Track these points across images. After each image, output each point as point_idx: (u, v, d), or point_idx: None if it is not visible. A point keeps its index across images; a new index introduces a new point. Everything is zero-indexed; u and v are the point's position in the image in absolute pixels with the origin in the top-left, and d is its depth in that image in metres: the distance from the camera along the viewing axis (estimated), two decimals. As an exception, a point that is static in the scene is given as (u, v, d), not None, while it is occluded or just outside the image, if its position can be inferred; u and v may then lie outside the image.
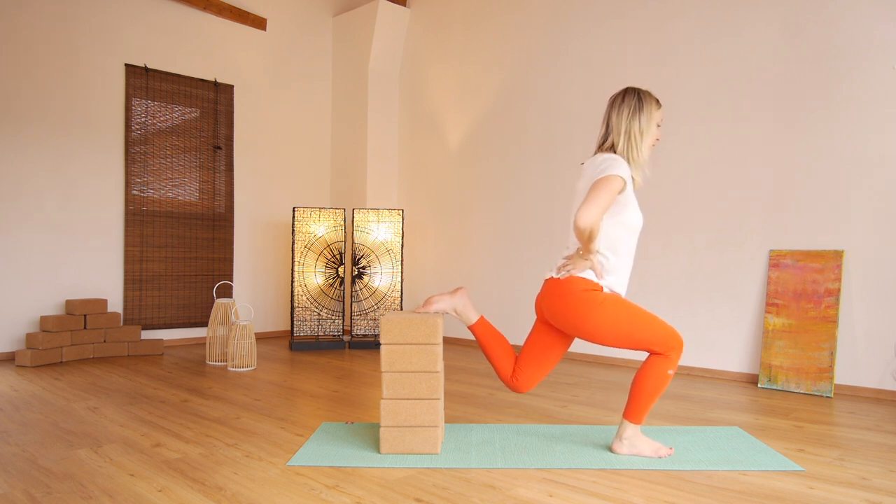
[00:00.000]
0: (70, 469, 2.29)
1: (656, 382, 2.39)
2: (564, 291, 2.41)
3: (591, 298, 2.38)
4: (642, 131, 2.43)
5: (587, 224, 2.22)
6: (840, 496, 2.09)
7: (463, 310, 2.65)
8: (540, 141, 5.27)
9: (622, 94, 2.47)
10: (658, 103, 2.48)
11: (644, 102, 2.44)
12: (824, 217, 3.86)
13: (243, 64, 5.99)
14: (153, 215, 5.40)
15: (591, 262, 2.38)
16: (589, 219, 2.22)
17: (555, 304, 2.45)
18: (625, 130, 2.42)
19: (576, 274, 2.40)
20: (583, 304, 2.38)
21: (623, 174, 2.31)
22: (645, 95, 2.46)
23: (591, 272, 2.40)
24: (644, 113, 2.43)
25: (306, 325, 5.54)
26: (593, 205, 2.23)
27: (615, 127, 2.45)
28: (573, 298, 2.39)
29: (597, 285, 2.40)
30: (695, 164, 4.37)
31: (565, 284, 2.41)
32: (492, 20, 5.65)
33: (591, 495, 2.07)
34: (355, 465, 2.34)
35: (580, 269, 2.40)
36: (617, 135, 2.44)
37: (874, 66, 3.69)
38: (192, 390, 3.69)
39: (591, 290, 2.39)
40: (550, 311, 2.49)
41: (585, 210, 2.22)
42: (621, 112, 2.44)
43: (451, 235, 5.97)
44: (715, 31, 4.30)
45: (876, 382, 3.65)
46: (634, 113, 2.43)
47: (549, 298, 2.48)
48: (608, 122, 2.48)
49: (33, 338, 4.55)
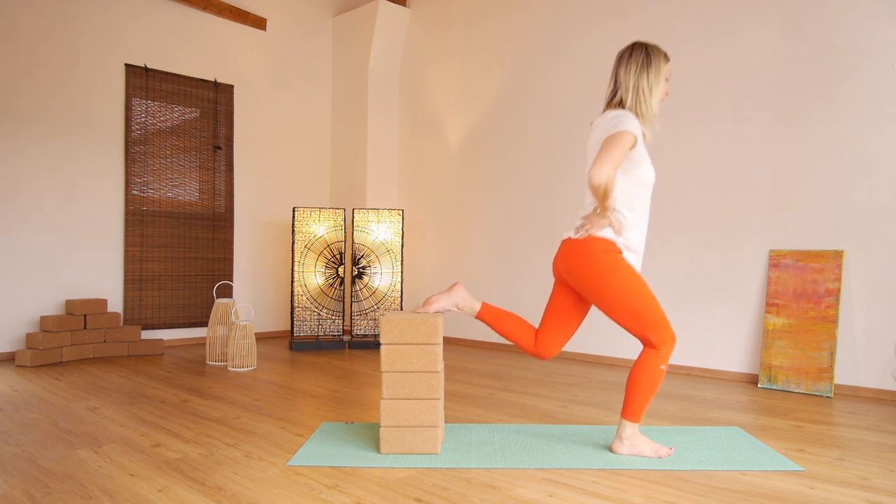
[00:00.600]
0: (70, 469, 2.29)
1: (651, 379, 2.39)
2: (584, 251, 2.40)
3: (610, 261, 2.37)
4: (651, 86, 2.40)
5: (601, 180, 2.21)
6: (840, 496, 2.09)
7: (464, 303, 2.63)
8: (540, 141, 5.27)
9: (629, 50, 2.44)
10: (666, 57, 2.45)
11: (652, 57, 2.41)
12: (824, 217, 3.86)
13: (243, 64, 5.99)
14: (153, 215, 5.40)
15: (608, 220, 2.35)
16: (602, 175, 2.20)
17: (573, 264, 2.43)
18: (633, 86, 2.40)
19: (594, 233, 2.38)
20: (601, 265, 2.37)
21: (634, 129, 2.29)
22: (653, 50, 2.43)
23: (609, 230, 2.38)
24: (652, 67, 2.41)
25: (306, 325, 5.54)
26: (606, 161, 2.22)
27: (623, 82, 2.43)
28: (592, 259, 2.38)
29: (616, 246, 2.38)
30: (695, 164, 4.37)
31: (584, 244, 2.40)
32: (492, 20, 5.65)
33: (591, 495, 2.07)
34: (355, 465, 2.34)
35: (598, 228, 2.37)
36: (625, 90, 2.42)
37: (874, 66, 3.69)
38: (192, 390, 3.69)
39: (610, 252, 2.37)
40: (568, 272, 2.46)
41: (598, 167, 2.21)
42: (629, 67, 2.42)
43: (451, 235, 5.97)
44: (715, 31, 4.30)
45: (876, 382, 3.65)
46: (643, 68, 2.40)
47: (567, 259, 2.45)
48: (616, 77, 2.45)
49: (33, 338, 4.55)
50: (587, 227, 2.39)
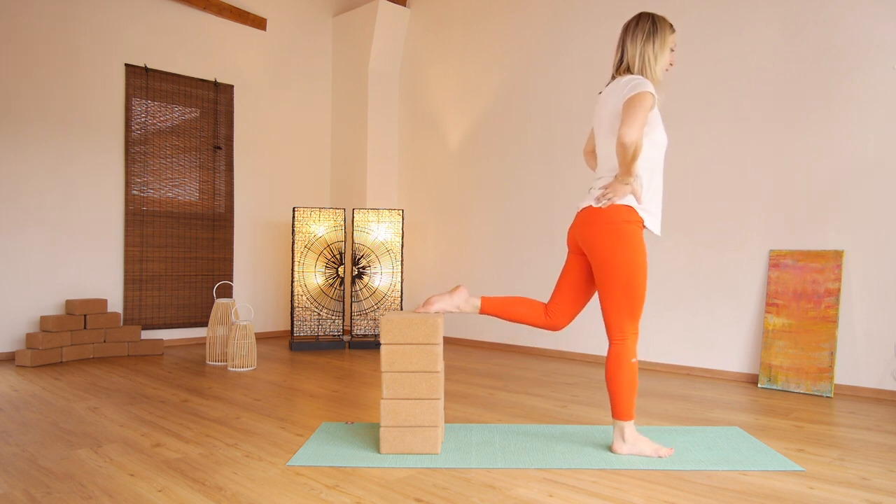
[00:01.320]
0: (70, 469, 2.29)
1: (628, 375, 2.42)
2: (607, 220, 2.40)
3: (631, 232, 2.39)
4: (656, 54, 2.45)
5: (632, 140, 2.23)
6: (840, 496, 2.09)
7: (465, 305, 2.64)
8: (540, 141, 5.27)
9: (636, 19, 2.49)
10: (672, 28, 2.50)
11: (658, 26, 2.46)
12: (824, 217, 3.86)
13: (243, 64, 5.99)
14: (153, 215, 5.40)
15: (631, 187, 2.37)
16: (633, 135, 2.23)
17: (593, 232, 2.44)
18: (639, 54, 2.45)
19: (617, 202, 2.39)
20: (622, 235, 2.38)
21: (652, 90, 2.33)
22: (659, 20, 2.47)
23: (631, 198, 2.39)
24: (658, 36, 2.45)
25: (306, 325, 5.54)
26: (634, 122, 2.24)
27: (630, 51, 2.47)
28: (615, 228, 2.39)
29: (638, 215, 2.40)
30: (695, 164, 4.37)
31: (608, 213, 2.40)
32: (492, 20, 5.65)
33: (591, 495, 2.07)
34: (355, 465, 2.34)
35: (621, 196, 2.39)
36: (632, 58, 2.46)
37: (874, 66, 3.69)
38: (192, 390, 3.69)
39: (633, 223, 2.40)
40: (586, 239, 2.47)
41: (628, 128, 2.23)
42: (636, 36, 2.46)
43: (451, 235, 5.97)
44: (715, 31, 4.30)
45: (876, 382, 3.65)
46: (649, 37, 2.45)
47: (588, 227, 2.46)
48: (623, 46, 2.50)
49: (33, 338, 4.55)
50: (609, 196, 2.40)
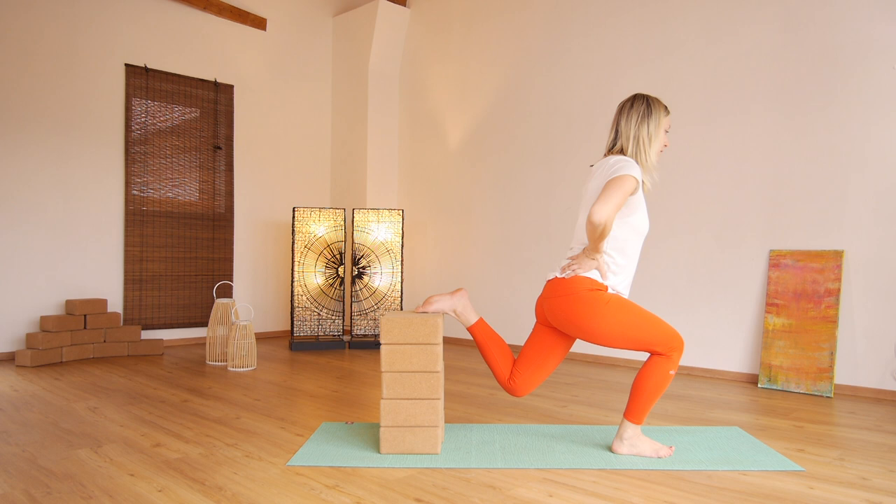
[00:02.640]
0: (70, 469, 2.29)
1: (658, 383, 2.39)
2: (569, 291, 2.41)
3: (595, 298, 2.38)
4: (650, 136, 2.45)
5: (602, 219, 2.23)
6: (840, 496, 2.09)
7: (463, 311, 2.66)
8: (540, 141, 5.27)
9: (631, 100, 2.50)
10: (666, 110, 2.51)
11: (653, 108, 2.47)
12: (824, 217, 3.86)
13: (243, 64, 5.99)
14: (153, 215, 5.40)
15: (597, 262, 2.38)
16: (603, 214, 2.22)
17: (558, 304, 2.45)
18: (633, 135, 2.45)
19: (581, 273, 2.40)
20: (587, 303, 2.38)
21: (636, 175, 2.33)
22: (654, 102, 2.49)
23: (596, 272, 2.41)
24: (653, 118, 2.46)
25: (306, 325, 5.54)
26: (608, 202, 2.24)
27: (624, 132, 2.48)
28: (577, 298, 2.39)
29: (601, 285, 2.40)
30: (695, 164, 4.37)
31: (570, 284, 2.41)
32: (492, 20, 5.65)
33: (591, 495, 2.07)
34: (355, 465, 2.34)
35: (586, 269, 2.40)
36: (626, 140, 2.46)
37: (874, 66, 3.69)
38: (192, 390, 3.69)
39: (595, 290, 2.39)
40: (553, 313, 2.48)
41: (601, 206, 2.23)
42: (630, 117, 2.47)
43: (451, 235, 5.97)
44: (715, 31, 4.30)
45: (876, 382, 3.65)
46: (643, 118, 2.46)
47: (553, 299, 2.47)
48: (617, 127, 2.51)
49: (33, 338, 4.55)
50: (574, 267, 2.41)
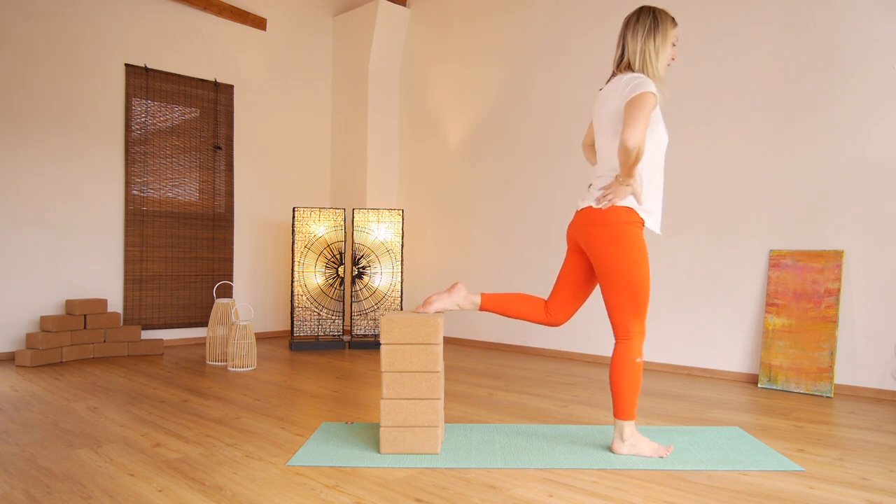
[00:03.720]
0: (70, 469, 2.29)
1: (632, 375, 2.42)
2: (607, 221, 2.39)
3: (631, 234, 2.38)
4: (657, 50, 2.42)
5: (636, 143, 2.21)
6: (840, 496, 2.09)
7: (464, 302, 2.63)
8: (540, 141, 5.27)
9: (637, 14, 2.46)
10: (674, 22, 2.46)
11: (659, 21, 2.43)
12: (824, 217, 3.86)
13: (243, 64, 5.99)
14: (153, 215, 5.40)
15: (632, 188, 2.36)
16: (636, 138, 2.21)
17: (594, 232, 2.43)
18: (640, 50, 2.42)
19: (617, 203, 2.38)
20: (623, 237, 2.37)
21: (654, 90, 2.31)
22: (660, 14, 2.44)
23: (632, 199, 2.38)
24: (659, 32, 2.43)
25: (306, 325, 5.54)
26: (637, 124, 2.23)
27: (630, 46, 2.44)
28: (615, 230, 2.38)
29: (639, 216, 2.39)
30: (695, 164, 4.37)
31: (608, 214, 2.39)
32: (492, 20, 5.65)
33: (591, 495, 2.07)
34: (355, 465, 2.34)
35: (622, 197, 2.37)
36: (633, 54, 2.43)
37: (874, 66, 3.69)
38: (192, 390, 3.69)
39: (633, 224, 2.39)
40: (587, 240, 2.46)
41: (632, 131, 2.22)
42: (636, 32, 2.44)
43: (451, 235, 5.97)
44: (715, 31, 4.30)
45: (876, 382, 3.65)
46: (650, 32, 2.42)
47: (589, 227, 2.44)
48: (623, 42, 2.47)
49: (33, 338, 4.55)
50: (610, 197, 2.39)
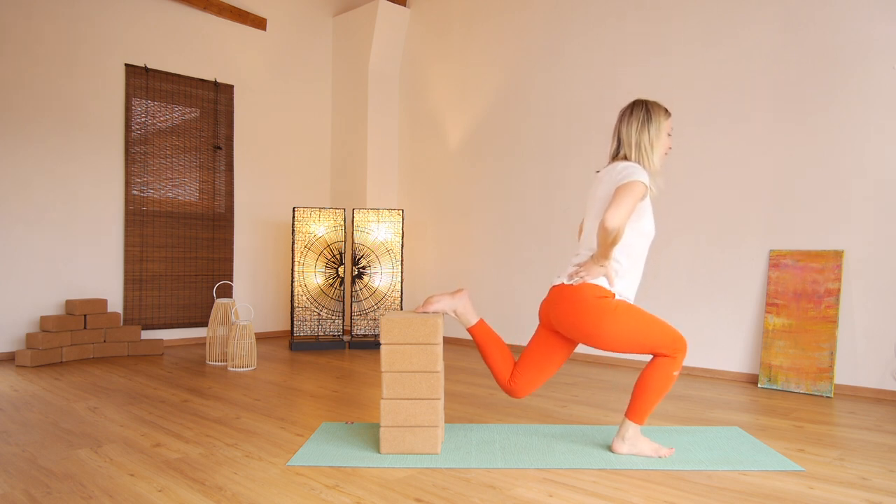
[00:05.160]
0: (70, 469, 2.29)
1: (661, 383, 2.39)
2: (576, 298, 2.40)
3: (603, 305, 2.37)
4: (652, 142, 2.45)
5: (615, 225, 2.23)
6: (840, 496, 2.09)
7: (463, 311, 2.65)
8: (540, 141, 5.27)
9: (630, 107, 2.50)
10: (667, 113, 2.50)
11: (652, 113, 2.46)
12: (824, 217, 3.86)
13: (243, 64, 5.99)
14: (153, 215, 5.40)
15: (605, 269, 2.37)
16: (617, 220, 2.23)
17: (564, 310, 2.44)
18: (635, 143, 2.45)
19: (589, 280, 2.39)
20: (595, 311, 2.37)
21: (645, 180, 2.32)
22: (653, 106, 2.47)
23: (604, 279, 2.40)
24: (653, 124, 2.45)
25: (306, 325, 5.54)
26: (621, 208, 2.24)
27: (625, 140, 2.47)
28: (585, 306, 2.38)
29: (608, 292, 2.40)
30: (695, 165, 4.37)
31: (577, 291, 2.41)
32: (492, 20, 5.65)
33: (591, 495, 2.07)
34: (355, 465, 2.34)
35: (594, 276, 2.39)
36: (628, 147, 2.46)
37: (874, 66, 3.69)
38: (192, 390, 3.69)
39: (602, 297, 2.39)
40: (559, 319, 2.47)
41: (614, 212, 2.23)
42: (630, 125, 2.47)
43: (451, 235, 5.97)
44: (715, 31, 4.30)
45: (876, 382, 3.65)
46: (643, 125, 2.45)
47: (559, 305, 2.46)
48: (619, 135, 2.50)
49: (33, 338, 4.55)
50: (582, 274, 2.40)
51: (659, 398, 2.41)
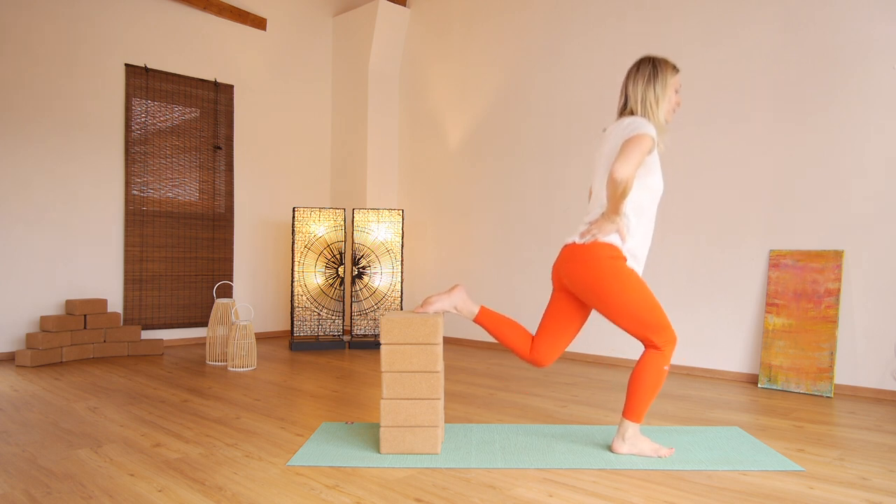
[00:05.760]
0: (70, 469, 2.29)
1: (653, 379, 2.40)
2: (588, 256, 2.39)
3: (614, 266, 2.37)
4: (657, 98, 2.44)
5: (624, 176, 2.21)
6: (840, 496, 2.09)
7: (463, 306, 2.64)
8: (540, 141, 5.27)
9: (637, 64, 2.49)
10: (674, 69, 2.47)
11: (659, 69, 2.45)
12: (824, 217, 3.86)
13: (243, 64, 5.99)
14: (153, 215, 5.40)
15: (616, 225, 2.36)
16: (625, 172, 2.21)
17: (576, 269, 2.43)
18: (641, 99, 2.44)
19: (601, 238, 2.38)
20: (607, 272, 2.37)
21: (652, 133, 2.31)
22: (660, 62, 2.46)
23: (615, 236, 2.38)
24: (659, 80, 2.44)
25: (306, 325, 5.54)
26: (629, 160, 2.23)
27: (632, 95, 2.47)
28: (597, 264, 2.38)
29: (621, 253, 2.39)
30: (695, 165, 4.37)
31: (589, 249, 2.39)
32: (492, 20, 5.65)
33: (591, 495, 2.07)
34: (355, 465, 2.34)
35: (606, 233, 2.37)
36: (634, 103, 2.45)
37: (874, 66, 3.69)
38: (192, 390, 3.69)
39: (615, 258, 2.38)
40: (570, 277, 2.46)
41: (622, 163, 2.22)
42: (637, 81, 2.46)
43: (451, 235, 5.97)
44: (715, 32, 4.30)
45: (876, 382, 3.65)
46: (649, 81, 2.44)
47: (571, 264, 2.45)
48: (625, 91, 2.50)
49: (33, 338, 4.55)
50: (594, 232, 2.39)
51: (653, 394, 2.41)
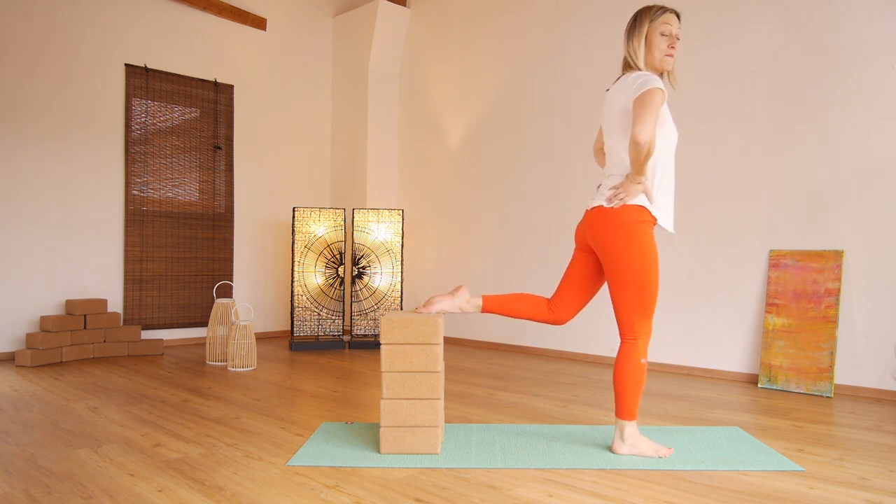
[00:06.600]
0: (70, 469, 2.29)
1: (635, 374, 2.42)
2: (618, 220, 2.39)
3: (642, 233, 2.38)
4: (637, 49, 2.45)
5: (646, 139, 2.23)
6: (840, 496, 2.09)
7: (467, 305, 2.64)
8: (540, 141, 5.27)
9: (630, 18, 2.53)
10: (655, 12, 2.44)
11: (637, 21, 2.47)
12: (824, 217, 3.86)
13: (243, 64, 5.99)
14: (153, 215, 5.40)
15: (643, 186, 2.36)
16: (647, 134, 2.23)
17: (603, 231, 2.43)
18: (633, 50, 2.46)
19: (629, 201, 2.38)
20: (633, 236, 2.37)
21: (660, 85, 2.32)
22: (640, 12, 2.47)
23: (643, 197, 2.39)
24: (636, 31, 2.46)
25: (306, 325, 5.54)
26: (647, 120, 2.24)
27: (626, 49, 2.50)
28: (626, 228, 2.38)
29: (651, 215, 2.39)
30: (695, 165, 4.37)
31: (619, 213, 2.39)
32: (492, 20, 5.65)
33: (591, 495, 2.07)
34: (355, 465, 2.34)
35: (633, 195, 2.37)
36: (629, 56, 2.48)
37: (874, 66, 3.69)
38: (192, 390, 3.69)
39: (644, 223, 2.39)
40: (596, 239, 2.46)
41: (642, 125, 2.23)
42: (626, 36, 2.50)
43: (451, 235, 5.97)
44: (715, 32, 4.30)
45: (876, 382, 3.65)
46: (629, 35, 2.48)
47: (598, 226, 2.44)
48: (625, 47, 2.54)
49: (33, 338, 4.55)
50: (622, 196, 2.39)
51: (638, 389, 2.43)
